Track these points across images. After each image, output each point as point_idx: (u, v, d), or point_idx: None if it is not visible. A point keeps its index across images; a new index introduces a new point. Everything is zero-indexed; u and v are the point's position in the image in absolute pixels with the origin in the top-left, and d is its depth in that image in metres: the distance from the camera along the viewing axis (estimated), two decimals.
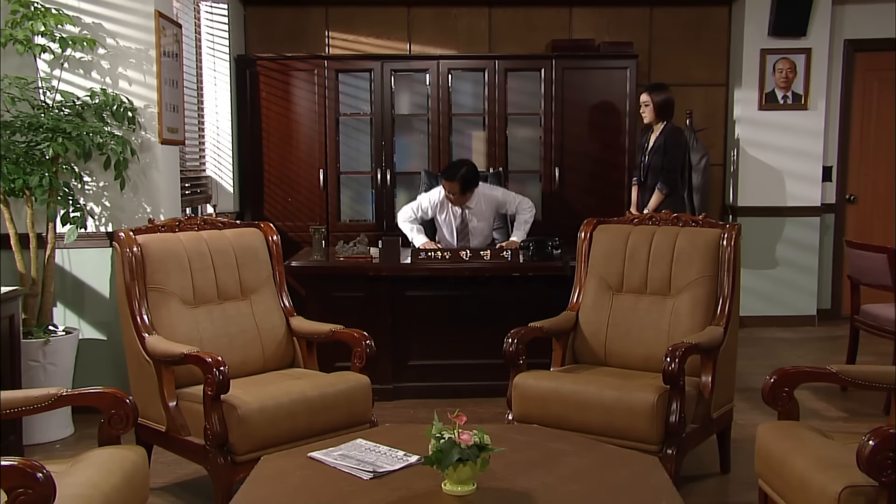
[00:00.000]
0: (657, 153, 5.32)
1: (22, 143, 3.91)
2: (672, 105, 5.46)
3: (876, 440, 2.12)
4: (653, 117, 5.38)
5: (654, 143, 5.36)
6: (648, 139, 5.46)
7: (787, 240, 6.76)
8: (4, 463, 1.91)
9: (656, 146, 5.34)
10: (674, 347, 3.16)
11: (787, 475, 2.51)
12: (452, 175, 5.08)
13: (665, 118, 5.39)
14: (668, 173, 5.27)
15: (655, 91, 5.44)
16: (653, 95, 5.39)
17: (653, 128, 5.43)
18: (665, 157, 5.27)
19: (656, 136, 5.37)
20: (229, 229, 3.81)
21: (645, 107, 5.43)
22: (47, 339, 3.99)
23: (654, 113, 5.36)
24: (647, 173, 5.39)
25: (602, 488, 2.38)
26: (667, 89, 5.50)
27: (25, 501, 1.90)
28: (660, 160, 5.28)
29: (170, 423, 3.22)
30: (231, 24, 6.21)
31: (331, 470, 2.47)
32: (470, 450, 2.23)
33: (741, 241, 3.68)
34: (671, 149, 5.29)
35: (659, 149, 5.31)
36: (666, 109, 5.39)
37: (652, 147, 5.38)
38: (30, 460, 1.95)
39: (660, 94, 5.39)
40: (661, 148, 5.31)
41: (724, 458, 3.66)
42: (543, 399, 3.38)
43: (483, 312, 4.65)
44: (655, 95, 5.38)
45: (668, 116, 5.41)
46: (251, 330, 3.66)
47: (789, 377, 2.80)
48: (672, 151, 5.29)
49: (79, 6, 4.27)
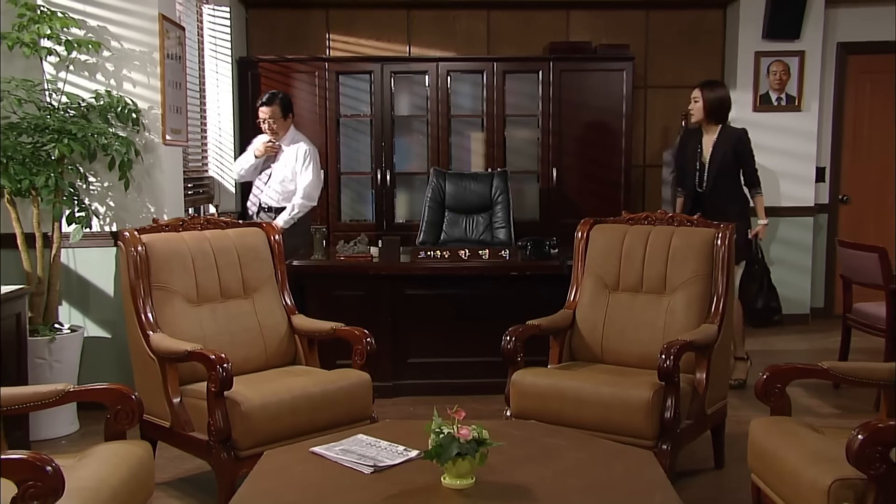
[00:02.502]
0: (725, 160, 4.82)
1: (28, 144, 3.92)
2: (727, 105, 4.96)
3: (864, 434, 2.14)
4: (702, 116, 4.89)
5: (718, 150, 4.85)
6: (700, 145, 4.95)
7: (782, 239, 6.77)
8: (14, 456, 1.94)
9: (722, 153, 4.83)
10: (669, 345, 3.18)
11: (780, 469, 2.54)
12: (269, 100, 5.21)
13: (720, 120, 4.91)
14: (754, 175, 4.90)
15: (708, 87, 4.93)
16: (704, 92, 4.88)
17: (703, 131, 4.96)
18: (746, 161, 4.86)
19: (714, 140, 4.88)
20: (232, 229, 3.82)
21: (694, 103, 4.91)
22: (53, 337, 4.01)
23: (703, 111, 4.87)
24: (711, 181, 4.85)
25: (598, 482, 2.41)
26: (722, 87, 5.02)
27: (35, 494, 1.93)
28: (735, 168, 4.84)
29: (174, 419, 3.23)
30: (233, 27, 6.23)
31: (332, 464, 2.49)
32: (469, 444, 2.25)
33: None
34: (745, 151, 4.87)
35: (728, 155, 4.82)
36: (719, 110, 4.88)
37: (713, 154, 4.86)
38: (39, 454, 1.98)
39: (712, 92, 4.89)
40: (731, 154, 4.83)
41: (719, 454, 3.68)
42: (541, 395, 3.40)
43: (481, 311, 4.66)
44: (708, 92, 4.88)
45: (722, 118, 4.93)
46: (253, 328, 3.67)
47: (781, 374, 2.82)
48: (748, 153, 4.88)
49: (84, 10, 4.29)
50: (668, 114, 6.86)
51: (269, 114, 5.17)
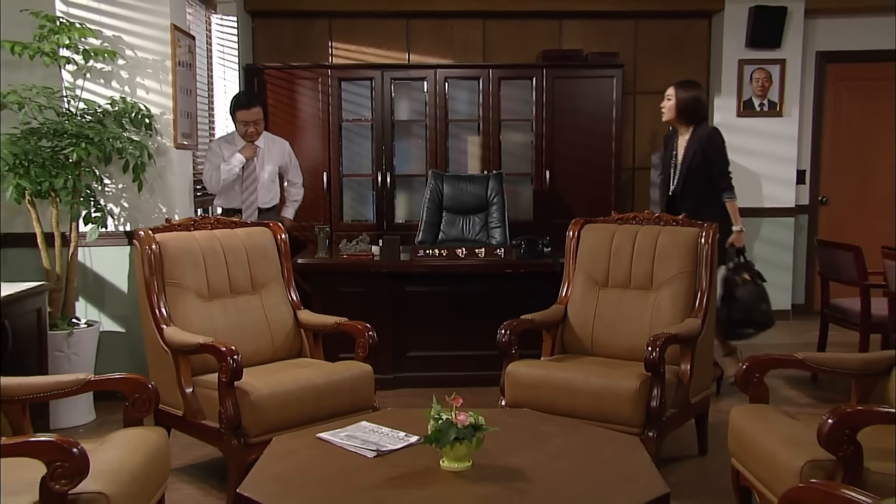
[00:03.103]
0: (694, 161, 4.55)
1: (48, 148, 3.96)
2: (701, 106, 4.66)
3: (834, 419, 2.21)
4: (673, 116, 4.63)
5: (688, 152, 4.60)
6: (676, 147, 4.71)
7: (764, 239, 6.81)
8: (44, 439, 2.01)
9: (692, 154, 4.57)
10: (655, 338, 3.23)
11: (757, 453, 2.60)
12: (252, 101, 5.01)
13: (692, 121, 4.61)
14: (722, 177, 4.56)
15: (682, 86, 4.62)
16: (678, 90, 4.60)
17: (678, 133, 4.72)
18: (715, 165, 4.55)
19: (686, 141, 4.63)
20: (241, 228, 3.87)
21: (667, 101, 4.66)
22: (71, 331, 4.06)
23: (675, 110, 4.60)
24: (684, 184, 4.59)
25: (587, 466, 2.46)
26: (696, 87, 4.68)
27: (63, 474, 1.99)
28: (703, 169, 4.54)
29: (187, 407, 3.28)
30: (240, 36, 6.26)
31: (337, 449, 2.54)
32: (466, 429, 2.31)
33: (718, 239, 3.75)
34: (716, 152, 4.55)
35: (697, 156, 4.54)
36: (692, 110, 4.60)
37: (685, 156, 4.61)
38: (66, 437, 2.04)
39: (686, 91, 4.59)
40: (700, 155, 4.54)
41: (702, 441, 3.74)
42: (534, 386, 3.45)
43: (478, 306, 4.69)
44: (681, 91, 4.60)
45: (695, 119, 4.62)
46: (261, 322, 3.71)
47: (760, 364, 2.88)
48: (715, 155, 4.55)
49: (100, 20, 4.33)
50: (657, 119, 6.64)
51: (258, 116, 5.00)
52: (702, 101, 4.71)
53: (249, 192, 5.06)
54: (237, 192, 5.04)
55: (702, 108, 4.72)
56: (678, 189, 4.64)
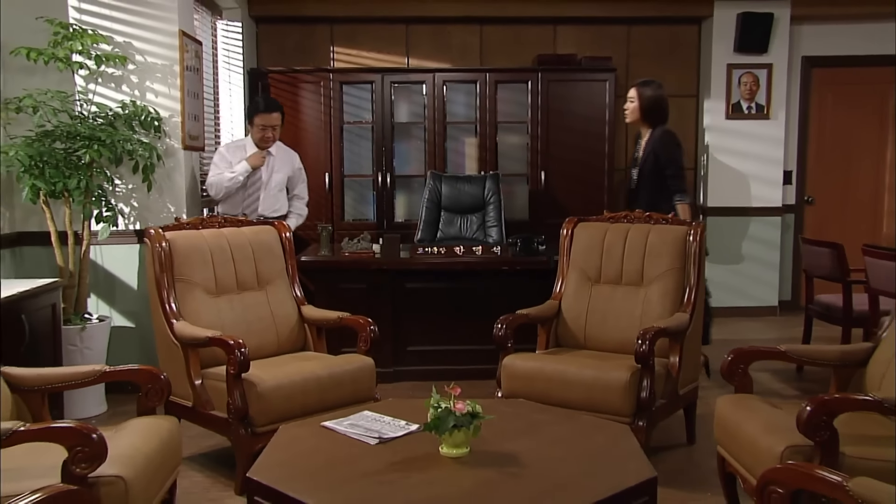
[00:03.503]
0: (648, 163, 4.53)
1: (61, 150, 4.00)
2: (662, 106, 4.55)
3: (812, 406, 2.28)
4: (637, 117, 4.57)
5: (645, 152, 4.58)
6: (639, 147, 4.68)
7: (752, 237, 6.86)
8: (65, 425, 2.07)
9: (647, 154, 4.55)
10: (644, 331, 3.28)
11: (741, 439, 2.67)
12: (272, 106, 4.84)
13: (655, 121, 4.54)
14: (676, 181, 4.47)
15: (645, 87, 4.54)
16: (641, 91, 4.52)
17: (641, 133, 4.70)
18: (667, 165, 4.48)
19: (645, 142, 4.60)
20: (247, 227, 3.92)
21: (630, 102, 4.59)
22: (84, 326, 4.10)
23: (639, 111, 4.54)
24: (638, 184, 4.59)
25: (579, 452, 2.52)
26: (659, 87, 4.59)
27: (83, 458, 2.06)
28: (655, 171, 4.50)
29: (196, 398, 3.33)
30: (245, 41, 6.29)
31: (341, 437, 2.59)
32: (464, 417, 2.36)
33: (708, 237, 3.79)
34: (667, 154, 4.48)
35: (650, 157, 4.52)
36: (655, 110, 4.52)
37: (642, 156, 4.58)
38: (85, 424, 2.11)
39: (649, 91, 4.52)
40: (653, 156, 4.50)
41: (690, 430, 3.79)
42: (529, 378, 3.50)
43: (475, 302, 4.72)
44: (644, 92, 4.52)
45: (657, 119, 4.54)
46: (267, 317, 3.76)
47: (744, 355, 2.94)
48: (668, 158, 4.48)
49: (111, 27, 4.37)
50: None
51: (277, 121, 4.88)
52: (664, 101, 4.61)
53: (252, 199, 4.93)
54: (239, 199, 4.90)
55: (664, 108, 4.60)
56: (637, 189, 4.64)
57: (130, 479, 2.21)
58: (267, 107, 4.86)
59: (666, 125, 4.63)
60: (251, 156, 4.85)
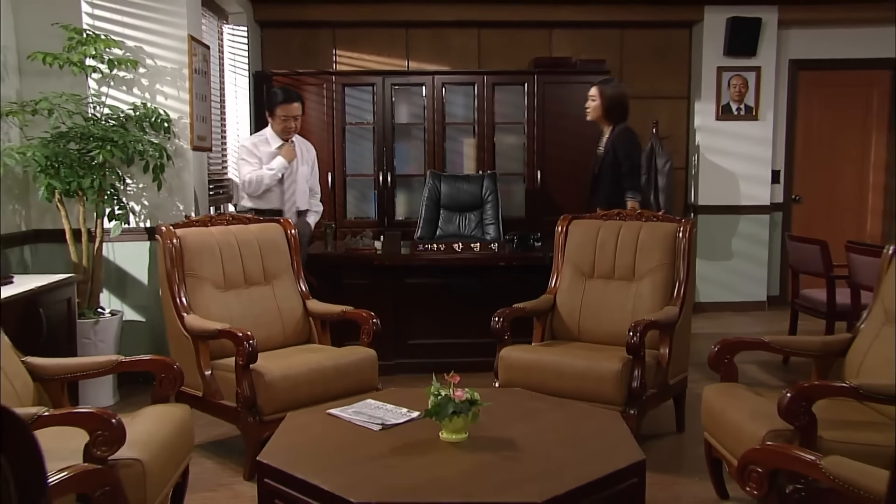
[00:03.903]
0: (607, 160, 4.55)
1: (75, 151, 4.05)
2: (623, 104, 4.52)
3: (792, 393, 2.35)
4: (599, 115, 4.54)
5: (605, 148, 4.58)
6: (601, 144, 4.69)
7: (741, 235, 6.92)
8: (87, 410, 2.15)
9: (606, 151, 4.57)
10: (635, 323, 3.34)
11: (725, 425, 2.74)
12: (293, 96, 4.69)
13: (616, 119, 4.52)
14: (630, 178, 4.55)
15: (606, 86, 4.51)
16: (603, 90, 4.48)
17: (603, 131, 4.68)
18: (623, 162, 4.53)
19: (605, 140, 4.60)
20: (254, 224, 3.98)
21: (591, 101, 4.54)
22: (97, 320, 4.16)
23: (600, 109, 4.51)
24: (598, 180, 4.62)
25: (572, 437, 2.59)
26: (620, 86, 4.58)
27: (103, 441, 2.13)
28: (613, 167, 4.54)
29: (206, 388, 3.40)
30: (250, 44, 6.33)
31: (346, 423, 2.66)
32: (463, 404, 2.43)
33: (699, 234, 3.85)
34: (624, 151, 4.51)
35: (608, 154, 4.54)
36: (617, 108, 4.50)
37: (602, 153, 4.60)
38: (105, 409, 2.19)
39: (610, 90, 4.50)
40: (612, 153, 4.52)
41: (680, 419, 3.86)
42: (525, 368, 3.56)
43: (473, 297, 4.75)
44: (605, 90, 4.48)
45: (618, 118, 4.52)
46: (273, 311, 3.82)
47: (730, 346, 3.01)
48: (625, 155, 4.50)
49: (123, 32, 4.42)
50: (641, 122, 6.76)
51: (298, 111, 4.73)
52: (624, 99, 4.57)
53: (290, 192, 4.81)
54: (277, 193, 4.76)
55: (624, 106, 4.58)
56: (597, 185, 4.66)
57: (147, 462, 2.28)
58: (288, 97, 4.73)
59: (626, 123, 4.64)
60: (284, 150, 4.74)
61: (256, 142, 4.82)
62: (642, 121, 6.86)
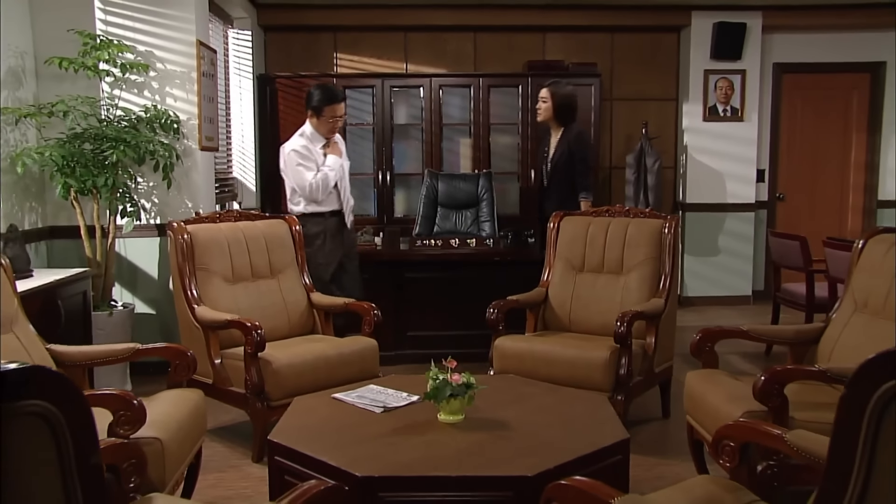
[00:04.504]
0: (561, 161, 4.52)
1: (90, 151, 4.14)
2: (573, 105, 4.49)
3: (766, 376, 2.48)
4: (549, 116, 4.50)
5: (557, 150, 4.55)
6: (549, 145, 4.65)
7: (727, 231, 7.00)
8: (110, 391, 2.27)
9: (560, 153, 4.53)
10: (623, 314, 3.45)
11: (706, 408, 2.85)
12: (341, 95, 4.40)
13: (566, 120, 4.51)
14: (584, 178, 4.54)
15: (556, 87, 4.47)
16: (554, 91, 4.44)
17: (550, 132, 4.62)
18: (578, 163, 4.52)
19: (557, 140, 4.56)
20: (260, 221, 4.08)
21: (542, 103, 4.49)
22: (110, 312, 4.25)
23: (552, 111, 4.47)
24: (550, 180, 4.57)
25: (562, 418, 2.71)
26: (568, 87, 4.52)
27: (125, 421, 2.24)
28: (567, 168, 4.51)
29: (216, 376, 3.50)
30: (254, 48, 6.41)
31: (350, 406, 2.77)
32: (459, 387, 2.55)
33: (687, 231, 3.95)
34: (581, 152, 4.49)
35: (564, 155, 4.51)
36: (567, 109, 4.47)
37: (554, 154, 4.56)
38: (127, 392, 2.31)
39: (560, 91, 4.47)
40: (567, 154, 4.49)
41: (665, 405, 3.97)
42: (518, 357, 3.67)
43: (469, 291, 4.80)
44: (556, 91, 4.45)
45: (568, 119, 4.50)
46: (279, 303, 3.91)
47: (710, 334, 3.12)
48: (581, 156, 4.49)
49: (134, 37, 4.51)
50: (631, 123, 7.04)
51: (344, 110, 4.46)
52: (574, 100, 4.54)
53: (344, 190, 4.49)
54: (335, 193, 4.45)
55: (574, 107, 4.53)
56: (549, 186, 4.60)
57: (166, 441, 2.40)
58: (336, 97, 4.39)
59: (576, 123, 4.61)
60: (332, 148, 4.44)
61: (306, 145, 4.42)
62: (632, 122, 7.01)
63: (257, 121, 6.50)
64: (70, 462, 1.12)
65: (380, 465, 2.26)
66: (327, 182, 4.35)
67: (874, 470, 1.19)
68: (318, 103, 4.34)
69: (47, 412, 1.09)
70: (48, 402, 1.09)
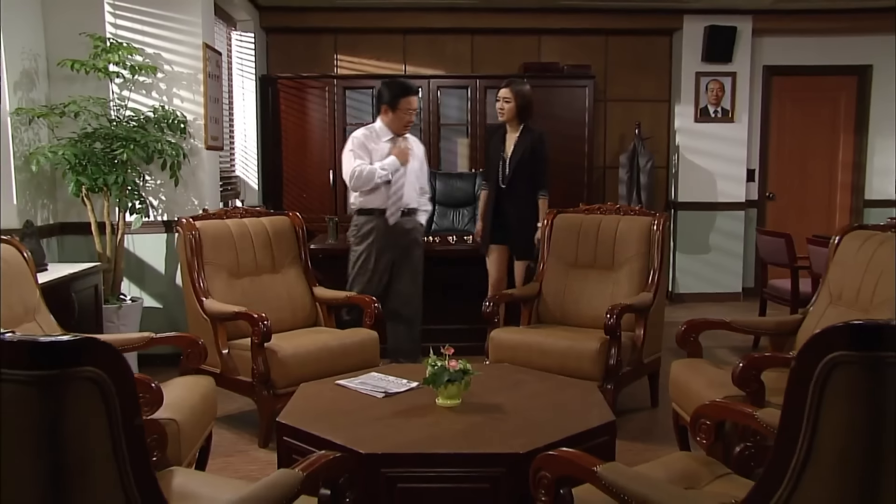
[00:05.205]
0: (524, 158, 4.44)
1: (101, 150, 4.26)
2: (532, 103, 4.47)
3: (744, 363, 2.63)
4: (513, 115, 4.43)
5: (518, 149, 4.46)
6: (505, 143, 4.53)
7: (718, 230, 7.14)
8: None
9: (521, 151, 4.45)
10: (612, 307, 3.60)
11: (689, 394, 3.01)
12: (415, 89, 4.32)
13: (525, 119, 4.46)
14: (544, 177, 4.52)
15: (518, 86, 4.43)
16: (516, 90, 4.41)
17: (507, 130, 4.53)
18: (540, 163, 4.48)
19: (516, 139, 4.48)
20: (265, 217, 4.21)
21: (505, 103, 4.41)
22: (120, 306, 4.38)
23: (515, 110, 4.41)
24: (512, 178, 4.46)
25: (553, 403, 2.86)
26: (527, 86, 4.48)
27: (144, 402, 2.37)
28: (530, 167, 4.46)
29: (223, 365, 3.65)
30: (256, 50, 6.53)
31: (353, 392, 2.92)
32: (456, 373, 2.71)
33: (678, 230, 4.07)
34: (543, 151, 4.48)
35: (527, 153, 4.44)
36: (528, 108, 4.44)
37: (514, 153, 4.46)
38: (146, 375, 2.46)
39: (522, 90, 4.43)
40: (530, 153, 4.44)
41: (653, 395, 4.11)
42: (513, 348, 3.81)
43: (467, 285, 4.89)
44: (518, 91, 4.41)
45: (527, 117, 4.47)
46: (283, 296, 4.05)
47: (695, 325, 3.28)
48: (542, 155, 4.48)
49: (143, 40, 4.63)
50: (625, 123, 7.17)
51: (417, 104, 4.32)
52: (532, 99, 4.53)
53: (397, 190, 4.29)
54: (383, 192, 4.27)
55: (532, 106, 4.54)
56: (508, 184, 4.51)
57: (182, 422, 2.55)
58: (411, 90, 4.26)
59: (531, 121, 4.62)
60: (399, 152, 4.28)
61: (368, 135, 4.30)
62: (626, 122, 7.14)
63: (259, 121, 6.61)
64: (118, 422, 1.28)
65: (382, 444, 2.41)
66: (371, 177, 4.19)
67: (818, 430, 1.35)
68: (395, 97, 4.22)
69: (99, 377, 1.25)
70: (100, 369, 1.26)
